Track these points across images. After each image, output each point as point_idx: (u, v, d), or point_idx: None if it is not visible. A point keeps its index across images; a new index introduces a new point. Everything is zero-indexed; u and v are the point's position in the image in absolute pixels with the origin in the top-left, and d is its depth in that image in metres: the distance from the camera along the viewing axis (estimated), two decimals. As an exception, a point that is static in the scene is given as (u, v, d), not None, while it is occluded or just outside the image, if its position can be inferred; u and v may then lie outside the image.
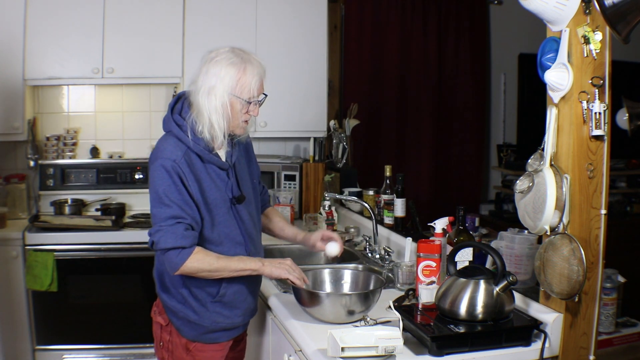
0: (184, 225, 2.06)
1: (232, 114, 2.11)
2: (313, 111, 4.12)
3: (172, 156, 2.07)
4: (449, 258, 2.13)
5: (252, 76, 2.10)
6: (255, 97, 2.12)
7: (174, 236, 2.04)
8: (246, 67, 2.09)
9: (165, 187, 2.06)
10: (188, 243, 2.06)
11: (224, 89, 2.07)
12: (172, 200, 2.05)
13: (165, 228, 2.05)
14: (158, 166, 2.07)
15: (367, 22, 4.78)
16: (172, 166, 2.06)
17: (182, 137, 2.10)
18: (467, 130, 5.10)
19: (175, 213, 2.05)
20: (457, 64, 5.03)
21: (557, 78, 1.88)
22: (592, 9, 1.84)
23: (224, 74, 2.08)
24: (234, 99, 2.09)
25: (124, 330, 3.70)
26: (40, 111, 4.14)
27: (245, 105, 2.11)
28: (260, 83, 2.13)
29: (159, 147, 2.13)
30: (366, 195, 3.55)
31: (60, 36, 3.78)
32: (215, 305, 2.19)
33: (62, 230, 3.66)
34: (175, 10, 3.93)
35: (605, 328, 2.34)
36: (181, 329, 2.21)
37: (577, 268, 1.83)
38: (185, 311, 2.18)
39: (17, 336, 3.60)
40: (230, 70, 2.08)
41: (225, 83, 2.08)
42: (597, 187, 1.92)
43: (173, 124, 2.13)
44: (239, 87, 2.09)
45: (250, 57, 2.14)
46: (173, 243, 2.04)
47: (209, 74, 2.08)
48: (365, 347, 1.79)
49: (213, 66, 2.09)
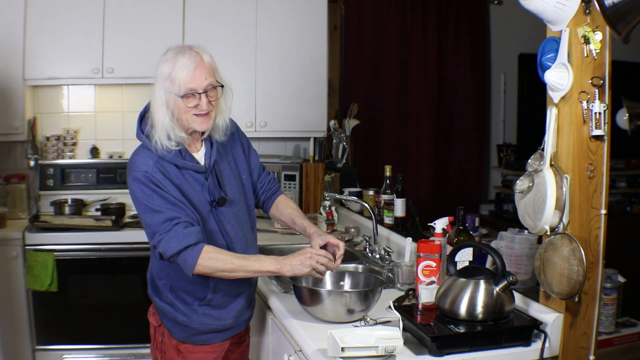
0: (182, 224, 2.02)
1: (176, 112, 2.06)
2: (313, 111, 4.12)
3: (143, 167, 2.05)
4: (449, 258, 2.13)
5: (183, 69, 2.03)
6: (190, 89, 2.04)
7: (176, 239, 2.00)
8: (177, 61, 2.04)
9: (147, 197, 2.04)
10: (193, 240, 2.02)
11: (160, 87, 2.05)
12: (158, 205, 2.03)
13: (165, 234, 2.01)
14: (132, 180, 2.06)
15: (367, 22, 4.78)
16: (144, 177, 2.04)
17: (150, 147, 2.08)
18: (467, 130, 5.10)
19: (167, 216, 2.02)
20: (457, 64, 5.03)
21: (557, 78, 1.87)
22: (592, 9, 1.84)
23: (159, 73, 2.07)
24: (169, 95, 2.05)
25: (123, 330, 3.70)
26: (40, 111, 4.14)
27: (180, 99, 2.04)
28: (192, 73, 2.03)
29: (131, 161, 2.11)
30: (366, 195, 3.55)
31: (60, 36, 3.78)
32: (204, 308, 2.18)
33: (62, 230, 3.66)
34: (175, 10, 3.93)
35: (605, 328, 2.34)
36: (172, 330, 2.21)
37: (577, 268, 1.83)
38: (174, 313, 2.18)
39: (17, 336, 3.60)
40: (164, 67, 2.06)
41: (160, 81, 2.06)
42: (597, 187, 1.92)
43: (141, 134, 2.12)
44: (170, 81, 2.04)
45: (188, 49, 2.08)
46: (177, 246, 2.00)
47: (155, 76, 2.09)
48: (365, 347, 1.79)
49: (157, 67, 2.09)
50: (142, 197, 2.04)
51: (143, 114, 2.18)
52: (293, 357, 2.11)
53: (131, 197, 2.09)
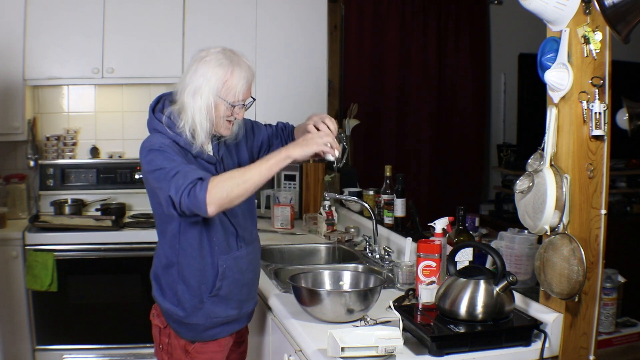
0: (181, 173, 1.94)
1: (216, 116, 2.09)
2: (313, 111, 4.09)
3: (159, 141, 2.04)
4: (449, 258, 2.13)
5: (239, 79, 2.07)
6: (241, 100, 2.11)
7: (183, 178, 1.92)
8: (234, 70, 2.07)
9: (162, 160, 1.99)
10: (200, 174, 1.94)
11: (209, 90, 2.05)
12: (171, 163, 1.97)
13: (172, 179, 1.93)
14: (147, 152, 2.03)
15: (367, 22, 4.78)
16: (160, 145, 2.02)
17: (165, 132, 2.08)
18: (467, 130, 5.10)
19: (179, 168, 1.96)
20: (457, 64, 5.03)
21: (557, 78, 1.87)
22: (592, 9, 1.84)
23: (211, 75, 2.06)
24: (219, 100, 2.07)
25: (124, 330, 3.70)
26: (40, 111, 4.14)
27: (230, 108, 2.10)
28: (247, 87, 2.11)
29: (144, 143, 2.09)
30: (366, 195, 3.55)
31: (60, 36, 3.78)
32: (210, 300, 2.17)
33: (62, 230, 3.66)
34: (175, 10, 3.93)
35: (605, 328, 2.34)
36: (178, 331, 2.21)
37: (577, 268, 1.83)
38: (178, 313, 2.17)
39: (17, 336, 3.60)
40: (218, 72, 2.06)
41: (211, 84, 2.05)
42: (597, 187, 1.92)
43: (156, 121, 2.11)
44: (225, 89, 2.07)
45: (240, 60, 2.12)
46: (182, 184, 1.90)
47: (197, 74, 2.06)
48: (365, 347, 1.79)
49: (202, 66, 2.07)
50: (155, 162, 2.00)
51: (154, 105, 2.17)
52: (293, 357, 2.11)
53: (144, 171, 2.05)
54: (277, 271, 2.75)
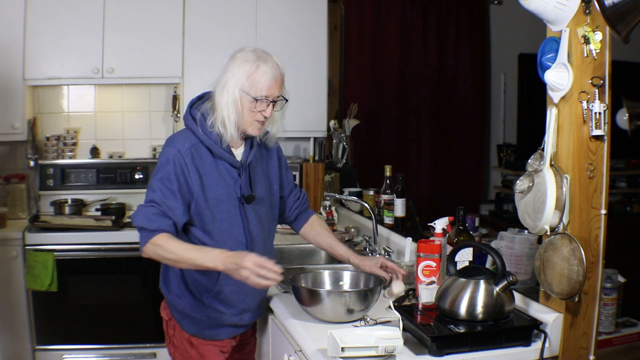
0: (156, 209, 2.09)
1: (243, 111, 2.14)
2: (313, 111, 4.12)
3: (178, 146, 2.13)
4: (449, 258, 2.13)
5: (263, 74, 2.12)
6: (264, 96, 2.13)
7: (142, 216, 2.10)
8: (259, 65, 2.12)
9: (160, 174, 2.12)
10: (153, 226, 2.08)
11: (235, 84, 2.11)
12: (159, 186, 2.11)
13: (141, 208, 2.12)
14: (163, 153, 2.15)
15: (367, 22, 4.78)
16: (174, 156, 2.11)
17: (194, 130, 2.15)
18: (467, 130, 5.10)
19: (154, 197, 2.10)
20: (457, 64, 5.03)
21: (557, 78, 1.87)
22: (592, 9, 1.84)
23: (237, 69, 2.12)
24: (243, 94, 2.12)
25: (124, 330, 3.70)
26: (40, 111, 4.14)
27: (253, 102, 2.13)
28: (271, 83, 2.15)
29: (172, 137, 2.21)
30: (366, 195, 3.55)
31: (60, 36, 3.78)
32: (211, 301, 2.21)
33: (62, 230, 3.66)
34: (175, 10, 3.93)
35: (605, 328, 2.33)
36: (182, 323, 2.26)
37: (577, 268, 1.83)
38: (182, 305, 2.23)
39: (17, 336, 3.60)
40: (244, 66, 2.12)
41: (237, 78, 2.11)
42: (597, 187, 1.92)
43: (189, 117, 2.20)
44: (249, 83, 2.11)
45: (268, 57, 2.17)
46: (139, 222, 2.10)
47: (227, 70, 2.14)
48: (365, 347, 1.79)
49: (231, 63, 2.15)
50: (158, 172, 2.13)
51: (195, 101, 2.24)
52: (293, 357, 2.11)
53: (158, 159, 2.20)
54: (277, 271, 2.74)
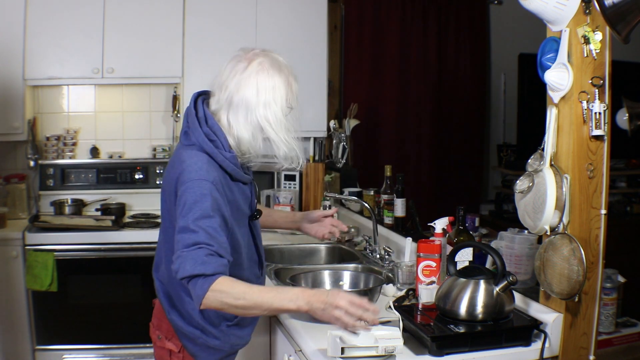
0: (206, 249, 1.77)
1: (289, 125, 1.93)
2: (313, 111, 4.12)
3: (209, 177, 1.85)
4: (449, 258, 2.13)
5: (295, 82, 1.97)
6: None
7: (192, 262, 1.75)
8: (288, 75, 1.96)
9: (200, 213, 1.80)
10: (210, 270, 1.75)
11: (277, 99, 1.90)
12: (199, 226, 1.79)
13: (185, 253, 1.77)
14: (194, 187, 1.83)
15: (367, 22, 4.78)
16: (210, 189, 1.83)
17: (214, 155, 1.89)
18: (467, 130, 5.10)
19: (198, 239, 1.78)
20: (457, 64, 5.03)
21: (557, 78, 1.87)
22: (592, 9, 1.84)
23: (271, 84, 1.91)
24: (285, 108, 1.93)
25: (124, 330, 3.70)
26: (40, 111, 4.14)
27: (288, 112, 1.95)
28: None
29: (192, 166, 1.86)
30: (366, 195, 3.55)
31: (60, 36, 3.78)
32: (231, 329, 2.07)
33: (62, 230, 3.66)
34: (175, 10, 3.93)
35: (605, 328, 2.33)
36: (198, 355, 2.04)
37: (577, 268, 1.83)
38: (205, 338, 2.00)
39: (17, 336, 3.60)
40: (274, 78, 1.92)
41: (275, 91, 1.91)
42: (597, 187, 1.92)
43: (204, 138, 1.89)
44: (291, 90, 1.95)
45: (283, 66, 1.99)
46: (192, 269, 1.74)
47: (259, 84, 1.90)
48: (365, 347, 1.79)
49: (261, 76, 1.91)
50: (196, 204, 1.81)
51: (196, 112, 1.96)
52: (293, 357, 2.11)
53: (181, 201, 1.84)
54: (277, 271, 2.75)
